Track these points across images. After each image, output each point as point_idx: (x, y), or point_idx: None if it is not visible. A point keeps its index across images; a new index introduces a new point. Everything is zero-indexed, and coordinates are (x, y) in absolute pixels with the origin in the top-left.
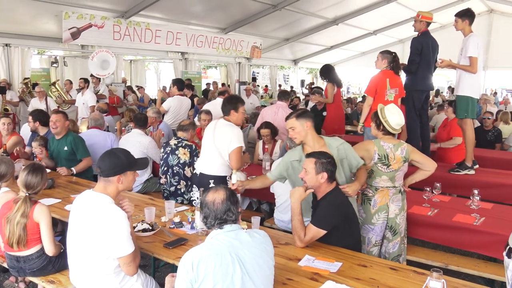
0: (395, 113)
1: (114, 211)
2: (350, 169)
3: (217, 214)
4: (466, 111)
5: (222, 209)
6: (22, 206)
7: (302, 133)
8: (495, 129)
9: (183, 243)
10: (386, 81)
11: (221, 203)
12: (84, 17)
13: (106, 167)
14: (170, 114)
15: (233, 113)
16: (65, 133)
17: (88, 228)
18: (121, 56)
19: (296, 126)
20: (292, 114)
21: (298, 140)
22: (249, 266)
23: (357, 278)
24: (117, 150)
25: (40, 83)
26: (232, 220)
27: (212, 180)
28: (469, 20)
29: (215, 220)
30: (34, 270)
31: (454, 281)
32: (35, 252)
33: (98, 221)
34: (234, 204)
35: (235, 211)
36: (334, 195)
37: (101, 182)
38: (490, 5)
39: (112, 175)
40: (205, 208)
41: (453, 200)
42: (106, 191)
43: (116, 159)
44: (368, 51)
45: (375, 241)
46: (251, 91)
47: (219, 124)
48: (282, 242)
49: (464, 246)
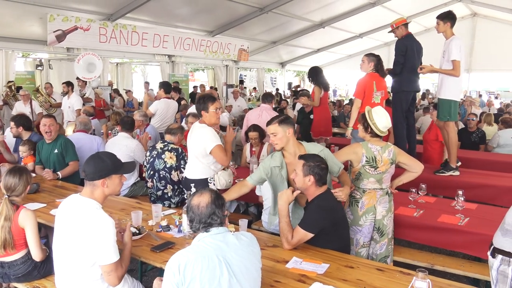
0: (383, 116)
1: (101, 217)
2: (332, 174)
3: (202, 218)
4: (448, 114)
5: (207, 213)
6: (4, 209)
7: (283, 140)
8: (479, 131)
9: (170, 247)
10: (373, 83)
11: (205, 206)
12: (70, 19)
13: (91, 171)
14: (157, 117)
15: (204, 114)
16: (56, 136)
17: (74, 233)
18: (107, 59)
19: (278, 132)
20: (274, 119)
21: (279, 146)
22: (236, 268)
23: (344, 279)
24: (102, 153)
25: (24, 87)
26: (217, 223)
27: (193, 184)
28: (451, 23)
29: (200, 224)
30: (19, 276)
31: (440, 281)
32: (20, 257)
33: (85, 226)
34: (220, 208)
35: (220, 214)
36: (323, 199)
37: (88, 186)
38: (474, 8)
39: (97, 179)
40: (190, 212)
41: (438, 201)
42: (93, 196)
43: (101, 162)
44: (355, 54)
45: (363, 243)
46: (238, 93)
47: (193, 128)
48: (269, 245)
49: (449, 246)
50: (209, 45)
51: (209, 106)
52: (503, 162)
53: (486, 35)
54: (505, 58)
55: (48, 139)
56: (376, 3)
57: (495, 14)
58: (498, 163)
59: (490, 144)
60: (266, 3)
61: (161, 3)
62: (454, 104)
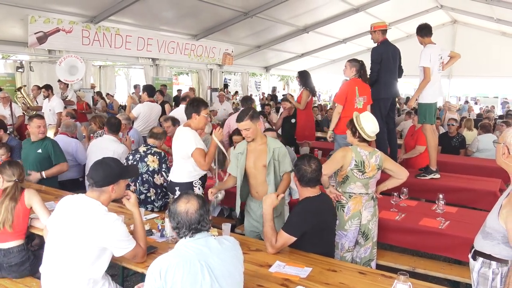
0: (370, 121)
1: (109, 216)
2: (280, 171)
3: (192, 224)
4: (424, 116)
5: (196, 219)
6: (11, 190)
7: (255, 132)
8: (459, 136)
9: (152, 252)
10: (355, 89)
11: (194, 212)
12: (51, 21)
13: (100, 177)
14: (140, 120)
15: (195, 116)
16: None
17: (80, 234)
18: (90, 61)
19: (250, 127)
20: (245, 116)
21: (250, 138)
22: (218, 272)
23: (326, 283)
24: (107, 159)
25: (4, 89)
26: (206, 229)
27: (178, 188)
28: (426, 33)
29: (190, 231)
30: (12, 265)
31: (421, 284)
32: (16, 246)
33: (94, 226)
34: (207, 213)
35: (207, 220)
36: (309, 202)
37: (95, 191)
38: (454, 16)
39: (106, 185)
40: (177, 217)
41: (419, 205)
42: (100, 199)
43: (109, 168)
44: (338, 59)
45: (348, 247)
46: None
47: (178, 131)
48: (253, 249)
49: (431, 249)
50: (194, 49)
51: (201, 110)
52: (483, 167)
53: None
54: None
55: (35, 139)
56: (359, 9)
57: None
58: (478, 167)
59: (470, 149)
60: (250, 8)
61: (145, 6)
62: (429, 107)
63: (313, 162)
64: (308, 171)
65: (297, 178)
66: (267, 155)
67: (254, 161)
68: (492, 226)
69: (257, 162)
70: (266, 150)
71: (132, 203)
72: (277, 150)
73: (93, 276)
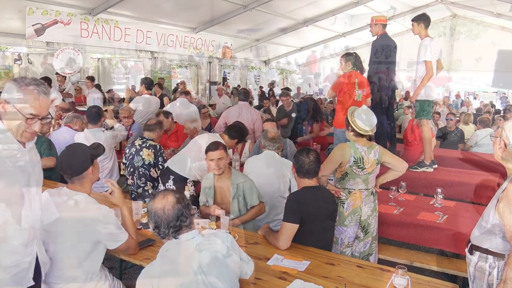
0: (362, 114)
1: (99, 208)
2: (248, 205)
3: (170, 222)
4: (421, 112)
5: (174, 215)
6: None
7: (226, 164)
8: (458, 130)
9: (150, 244)
10: (355, 81)
11: (171, 208)
12: (49, 13)
13: (76, 166)
14: (138, 113)
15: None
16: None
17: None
18: (88, 54)
19: (224, 157)
20: (219, 146)
21: (221, 170)
22: (213, 278)
23: (324, 276)
24: (72, 146)
25: None
26: (186, 225)
27: (173, 177)
28: (424, 24)
29: (169, 229)
30: None
31: (419, 278)
32: None
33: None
34: (186, 207)
35: (187, 214)
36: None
37: (76, 182)
38: (454, 10)
39: (85, 170)
40: (154, 216)
41: (418, 199)
42: (84, 189)
43: (80, 153)
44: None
45: (348, 242)
46: (223, 90)
47: (204, 136)
48: (251, 242)
49: (428, 243)
50: (193, 42)
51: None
52: (481, 161)
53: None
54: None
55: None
56: (359, 3)
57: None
58: (476, 161)
59: (468, 143)
60: (250, 1)
61: None
62: (428, 103)
63: (311, 154)
64: (305, 162)
65: (295, 169)
66: (231, 191)
67: (221, 197)
68: (489, 220)
69: (224, 198)
70: (230, 186)
71: (117, 197)
72: (241, 185)
73: (89, 270)
